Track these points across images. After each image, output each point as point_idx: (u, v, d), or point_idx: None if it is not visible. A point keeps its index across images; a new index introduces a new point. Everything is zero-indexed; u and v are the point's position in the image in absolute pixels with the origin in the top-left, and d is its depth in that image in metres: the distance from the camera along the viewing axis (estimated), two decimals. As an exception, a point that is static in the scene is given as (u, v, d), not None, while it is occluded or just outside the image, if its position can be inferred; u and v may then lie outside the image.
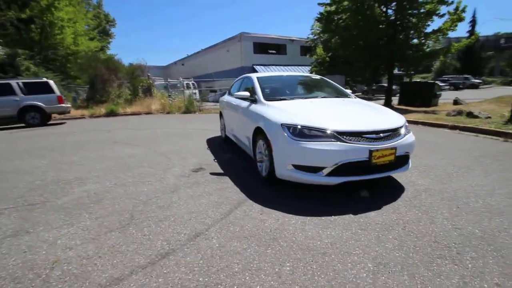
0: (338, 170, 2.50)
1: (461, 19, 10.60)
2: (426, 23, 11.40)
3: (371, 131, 2.56)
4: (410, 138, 2.80)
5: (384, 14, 11.68)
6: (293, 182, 2.80)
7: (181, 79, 20.42)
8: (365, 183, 2.92)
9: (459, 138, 5.76)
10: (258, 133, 3.28)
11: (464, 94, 18.51)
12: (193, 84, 20.20)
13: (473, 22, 43.44)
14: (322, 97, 3.67)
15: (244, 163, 4.12)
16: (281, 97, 3.62)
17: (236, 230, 2.19)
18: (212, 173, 3.70)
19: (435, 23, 34.53)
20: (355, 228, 2.16)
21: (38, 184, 3.46)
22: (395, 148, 2.56)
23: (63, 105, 10.32)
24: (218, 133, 6.82)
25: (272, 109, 3.17)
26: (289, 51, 30.26)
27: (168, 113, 14.03)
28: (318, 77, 4.80)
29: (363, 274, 1.65)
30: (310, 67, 28.35)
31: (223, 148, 5.17)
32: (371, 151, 2.47)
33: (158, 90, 17.06)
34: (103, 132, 7.81)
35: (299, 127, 2.63)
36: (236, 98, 4.42)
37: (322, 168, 2.52)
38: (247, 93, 3.73)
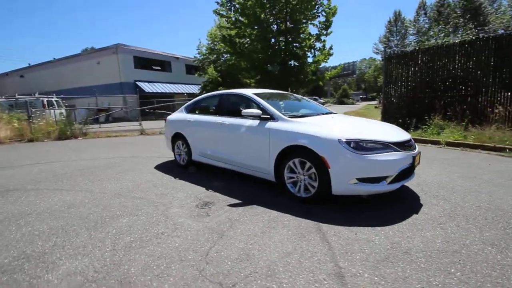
0: (396, 177, 2.76)
1: (330, 55, 13.90)
2: (307, 55, 14.20)
3: (406, 140, 3.00)
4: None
5: (278, 45, 13.64)
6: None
7: (37, 95, 15.62)
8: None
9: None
10: (289, 152, 3.09)
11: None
12: (56, 101, 15.88)
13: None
14: (327, 114, 3.89)
15: (248, 187, 3.70)
16: (298, 114, 3.57)
17: (364, 257, 1.99)
18: (230, 205, 3.12)
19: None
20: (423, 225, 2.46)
21: None
22: (420, 153, 3.10)
23: None
24: (161, 159, 5.77)
25: (307, 126, 3.10)
26: (174, 69, 29.21)
27: (31, 140, 10.26)
28: (298, 95, 5.01)
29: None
30: (197, 85, 28.60)
31: (197, 175, 4.41)
32: (414, 157, 2.89)
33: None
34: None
35: (360, 141, 2.72)
36: (225, 117, 3.96)
37: (386, 177, 2.71)
38: (258, 111, 3.42)
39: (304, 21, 13.15)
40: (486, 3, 35.37)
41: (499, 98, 6.74)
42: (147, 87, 24.71)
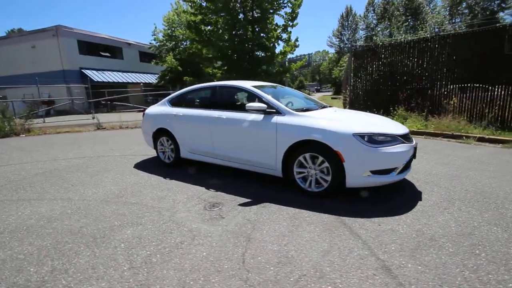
0: (403, 168, 2.92)
1: (296, 46, 14.12)
2: (274, 46, 14.21)
3: (407, 132, 3.18)
4: None
5: (246, 34, 13.35)
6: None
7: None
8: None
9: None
10: (298, 147, 3.05)
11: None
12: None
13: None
14: (326, 107, 3.90)
15: (249, 183, 3.58)
16: (303, 108, 3.52)
17: (398, 248, 2.06)
18: (241, 204, 2.98)
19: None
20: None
21: None
22: (417, 144, 3.32)
23: None
24: (137, 158, 5.29)
25: (317, 120, 3.07)
26: (127, 56, 26.69)
27: (-44, 140, 8.53)
28: (287, 87, 4.92)
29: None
30: (154, 74, 26.73)
31: (187, 174, 4.12)
32: (415, 148, 3.08)
33: None
34: None
35: (373, 135, 2.79)
36: (221, 111, 3.73)
37: (395, 168, 2.84)
38: (263, 105, 3.28)
39: (271, 11, 13.05)
40: (425, 3, 39.41)
41: (449, 92, 7.65)
42: (96, 76, 22.23)
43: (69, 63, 21.73)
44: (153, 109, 4.85)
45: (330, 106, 4.05)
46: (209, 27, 12.76)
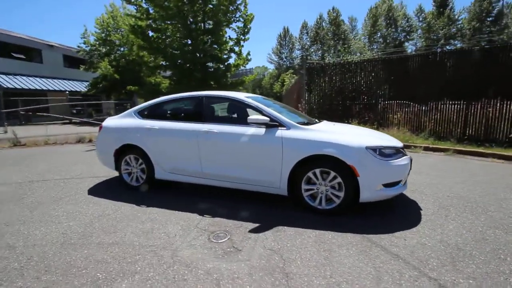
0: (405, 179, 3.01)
1: (249, 60, 14.31)
2: (227, 58, 14.13)
3: (403, 145, 3.32)
4: None
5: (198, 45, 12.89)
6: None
7: None
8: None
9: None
10: (307, 162, 2.87)
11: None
12: None
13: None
14: (320, 121, 3.82)
15: (244, 204, 3.20)
16: (304, 121, 3.35)
17: (439, 263, 2.02)
18: (251, 231, 2.60)
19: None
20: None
21: None
22: (410, 157, 3.49)
23: None
24: (89, 181, 4.36)
25: (325, 134, 2.94)
26: (48, 59, 22.75)
27: None
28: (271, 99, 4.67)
29: None
30: (83, 82, 23.56)
31: (163, 198, 3.49)
32: (411, 160, 3.23)
33: None
34: None
35: (382, 148, 2.80)
36: (211, 124, 3.30)
37: (401, 180, 2.90)
38: (265, 118, 3.00)
39: (225, 23, 12.96)
40: (349, 31, 45.40)
41: (387, 107, 8.76)
42: (6, 81, 18.25)
43: (-36, 64, 17.34)
44: (114, 122, 4.05)
45: (321, 120, 4.02)
46: (156, 34, 11.85)
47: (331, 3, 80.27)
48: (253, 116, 3.04)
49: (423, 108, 7.79)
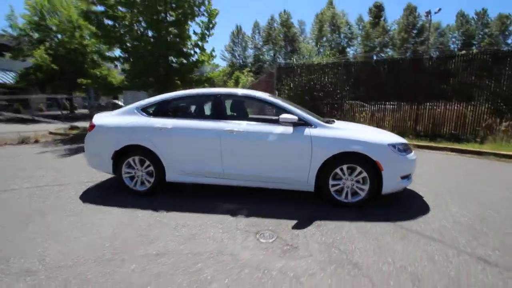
0: (412, 172, 3.42)
1: (214, 56, 14.01)
2: (193, 54, 13.62)
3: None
4: None
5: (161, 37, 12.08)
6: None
7: None
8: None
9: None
10: (334, 159, 3.04)
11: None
12: None
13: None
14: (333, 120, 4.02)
15: (273, 199, 3.23)
16: (327, 120, 3.50)
17: (479, 243, 2.39)
18: (294, 227, 2.66)
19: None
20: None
21: None
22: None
23: None
24: (74, 187, 3.83)
25: (351, 132, 3.16)
26: (-45, 43, 18.48)
27: None
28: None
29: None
30: (8, 72, 19.91)
31: (176, 201, 3.29)
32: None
33: None
34: None
35: (399, 144, 3.13)
36: (231, 123, 3.21)
37: (411, 172, 3.29)
38: (294, 117, 3.05)
39: (190, 16, 12.41)
40: (298, 34, 47.70)
41: (352, 106, 9.66)
42: None
43: None
44: (111, 120, 3.59)
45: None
46: (111, 22, 10.67)
47: (280, 5, 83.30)
48: (284, 115, 3.06)
49: (377, 108, 8.87)
